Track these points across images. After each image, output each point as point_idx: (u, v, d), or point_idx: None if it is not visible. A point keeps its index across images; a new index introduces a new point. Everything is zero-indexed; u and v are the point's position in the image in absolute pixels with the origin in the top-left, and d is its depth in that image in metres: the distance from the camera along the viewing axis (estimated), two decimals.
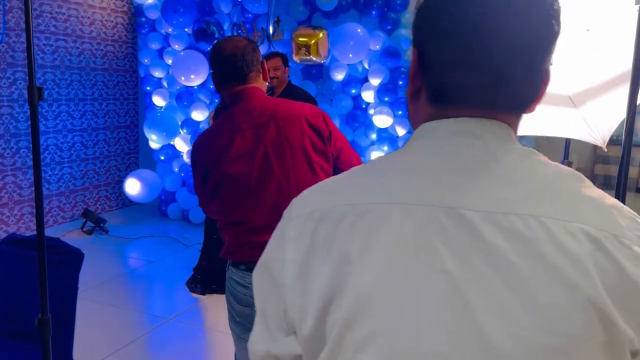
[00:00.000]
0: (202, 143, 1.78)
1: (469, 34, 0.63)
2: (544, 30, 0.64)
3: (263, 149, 1.70)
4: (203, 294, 3.83)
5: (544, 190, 0.63)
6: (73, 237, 5.05)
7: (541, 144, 5.69)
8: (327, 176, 1.75)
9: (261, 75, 1.82)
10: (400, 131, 4.76)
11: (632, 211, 0.67)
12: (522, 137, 5.09)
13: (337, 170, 1.79)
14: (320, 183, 0.75)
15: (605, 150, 1.67)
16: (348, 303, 0.62)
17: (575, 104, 1.54)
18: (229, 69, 1.74)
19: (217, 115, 3.69)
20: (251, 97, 1.76)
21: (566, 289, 0.57)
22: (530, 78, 0.66)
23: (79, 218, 5.62)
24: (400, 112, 4.70)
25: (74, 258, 2.07)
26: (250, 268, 1.69)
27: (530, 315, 0.57)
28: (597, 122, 1.53)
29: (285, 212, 0.75)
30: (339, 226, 0.65)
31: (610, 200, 0.65)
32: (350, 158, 1.83)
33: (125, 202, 6.24)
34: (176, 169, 5.75)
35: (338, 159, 1.82)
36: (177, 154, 5.74)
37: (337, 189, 0.71)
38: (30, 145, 5.00)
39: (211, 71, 1.83)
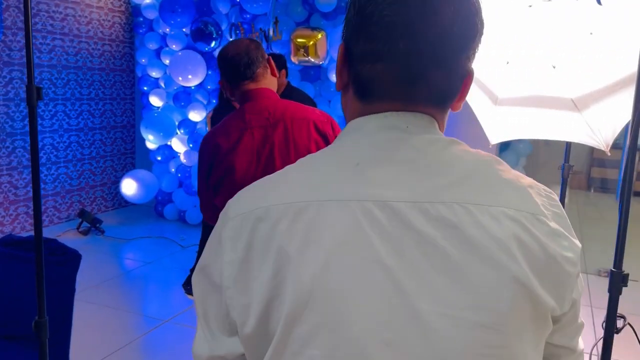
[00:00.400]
0: (211, 137, 1.84)
1: (390, 30, 0.66)
2: (462, 28, 0.66)
3: (269, 147, 1.77)
4: None
5: (466, 178, 0.67)
6: (69, 237, 5.03)
7: (539, 146, 5.71)
8: None
9: (269, 71, 1.89)
10: None
11: (547, 188, 0.72)
12: (519, 140, 5.10)
13: None
14: (255, 183, 0.76)
15: (609, 154, 1.67)
16: (290, 299, 0.63)
17: (578, 108, 1.53)
18: (235, 68, 1.81)
19: (216, 116, 3.64)
20: (262, 97, 1.83)
21: (493, 269, 0.61)
22: (448, 74, 0.69)
23: (75, 218, 5.59)
24: None
25: (72, 259, 2.05)
26: None
27: (461, 295, 0.61)
28: (601, 126, 1.52)
29: (222, 214, 0.75)
30: (277, 225, 0.66)
31: (527, 180, 0.70)
32: None
33: (122, 202, 6.21)
34: (173, 170, 5.73)
35: None
36: (173, 155, 5.72)
37: (272, 188, 0.71)
38: (26, 145, 5.00)
39: (221, 78, 1.90)
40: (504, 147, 5.08)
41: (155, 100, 5.60)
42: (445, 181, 0.66)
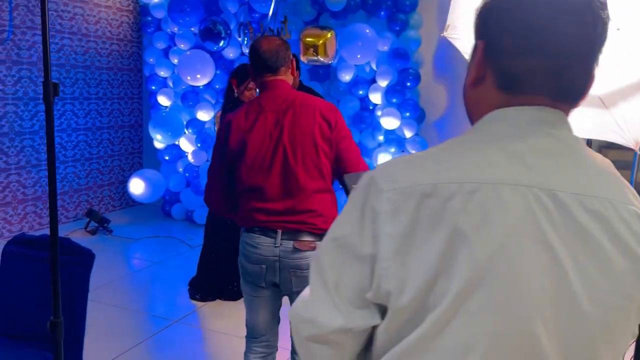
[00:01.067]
0: (230, 117, 2.07)
1: (541, 26, 0.72)
2: (601, 30, 0.74)
3: (280, 129, 1.98)
4: (203, 300, 3.76)
5: (605, 175, 0.75)
6: (76, 237, 5.00)
7: None
8: (329, 160, 2.05)
9: (290, 70, 2.12)
10: (408, 133, 4.72)
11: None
12: None
13: (337, 160, 2.04)
14: (403, 157, 0.80)
15: (638, 152, 1.64)
16: (462, 276, 0.68)
17: (606, 105, 1.50)
18: (263, 62, 2.03)
19: (225, 114, 3.63)
20: (277, 87, 2.05)
21: (631, 260, 0.71)
22: (584, 71, 0.76)
23: (82, 218, 5.58)
24: (407, 114, 4.66)
25: (85, 258, 2.03)
26: (263, 231, 2.00)
27: (607, 282, 0.70)
28: (629, 124, 1.50)
29: (365, 186, 0.77)
30: (449, 202, 0.70)
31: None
32: (350, 146, 2.07)
33: (129, 202, 6.20)
34: (181, 169, 5.71)
35: (339, 146, 2.05)
36: (181, 154, 5.70)
37: (432, 165, 0.75)
38: (35, 144, 5.00)
39: (248, 64, 2.14)
40: None
41: (163, 100, 5.58)
42: (591, 178, 0.73)
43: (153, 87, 5.68)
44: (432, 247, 0.69)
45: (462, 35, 1.49)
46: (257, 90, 2.19)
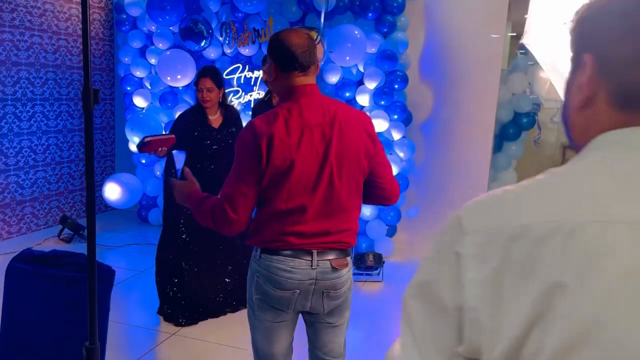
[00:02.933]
0: (263, 127, 1.80)
1: None
2: None
3: (326, 146, 1.81)
4: (190, 325, 3.44)
5: None
6: (50, 245, 4.75)
7: (530, 150, 5.78)
8: (365, 176, 1.93)
9: (317, 71, 1.93)
10: (396, 135, 4.70)
11: None
12: (512, 142, 5.14)
13: (370, 172, 1.94)
14: (492, 193, 0.70)
15: None
16: (562, 331, 0.58)
17: None
18: (294, 58, 1.80)
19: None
20: (314, 93, 1.87)
21: None
22: None
23: (54, 225, 5.31)
24: (395, 116, 4.65)
25: (105, 275, 1.89)
26: (297, 254, 1.84)
27: None
28: None
29: (451, 226, 0.69)
30: (543, 246, 0.60)
31: None
32: (385, 161, 1.99)
33: (102, 207, 5.95)
34: (158, 173, 5.51)
35: (375, 160, 1.94)
36: (158, 158, 5.49)
37: (524, 201, 0.66)
38: (33, 145, 4.74)
39: (268, 61, 1.89)
40: (497, 149, 5.11)
41: (139, 101, 5.37)
42: None
43: (128, 88, 5.46)
44: (524, 297, 0.60)
45: (539, 43, 1.45)
46: (283, 95, 1.91)
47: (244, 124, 3.30)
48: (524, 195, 0.67)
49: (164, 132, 4.91)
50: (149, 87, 5.38)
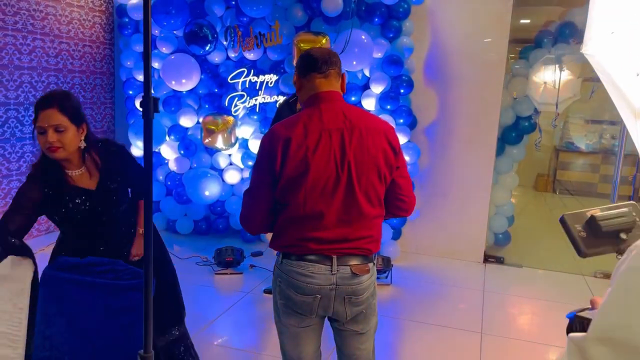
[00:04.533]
0: (282, 131, 1.85)
1: None
2: None
3: (345, 151, 1.82)
4: None
5: None
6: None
7: (531, 152, 5.86)
8: (386, 186, 1.96)
9: (340, 82, 1.97)
10: (402, 139, 4.73)
11: None
12: (514, 146, 5.20)
13: (391, 184, 1.96)
14: None
15: None
16: None
17: None
18: (313, 60, 1.90)
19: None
20: (335, 99, 1.90)
21: None
22: None
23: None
24: (401, 121, 4.68)
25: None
26: (317, 259, 1.85)
27: None
28: None
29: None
30: None
31: None
32: (405, 173, 2.00)
33: None
34: (161, 177, 5.48)
35: (397, 172, 1.96)
36: (161, 162, 5.48)
37: None
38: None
39: (295, 71, 1.98)
40: (500, 152, 5.17)
41: (139, 105, 5.33)
42: None
43: (130, 92, 5.42)
44: None
45: (597, 52, 1.48)
46: (305, 102, 1.95)
47: (130, 154, 2.40)
48: None
49: None
50: (152, 91, 5.35)
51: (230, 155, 5.31)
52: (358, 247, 1.88)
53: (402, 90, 4.66)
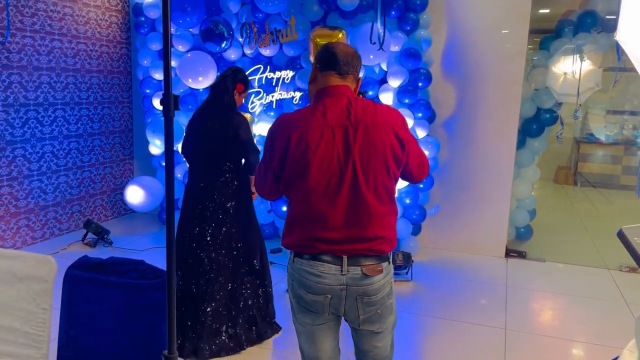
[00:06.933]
0: (285, 127, 1.83)
1: None
2: None
3: (350, 149, 1.76)
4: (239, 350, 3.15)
5: None
6: (74, 250, 4.75)
7: (552, 145, 5.77)
8: (397, 181, 1.90)
9: (356, 84, 1.92)
10: (420, 133, 4.68)
11: None
12: (535, 139, 5.11)
13: (404, 172, 1.93)
14: None
15: None
16: None
17: None
18: (335, 60, 1.84)
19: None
20: (341, 93, 1.83)
21: None
22: None
23: (77, 229, 5.30)
24: (420, 114, 4.63)
25: (165, 281, 1.87)
26: (326, 259, 1.81)
27: None
28: None
29: None
30: None
31: None
32: (414, 163, 1.93)
33: (121, 210, 5.94)
34: (179, 175, 5.49)
35: (407, 165, 1.91)
36: (180, 160, 5.48)
37: None
38: (27, 154, 4.71)
39: (315, 65, 1.91)
40: (521, 145, 5.08)
41: (159, 104, 5.33)
42: None
43: (147, 91, 5.44)
44: None
45: (631, 39, 1.43)
46: (314, 96, 1.93)
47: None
48: None
49: None
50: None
51: None
52: (370, 247, 1.83)
53: (420, 84, 4.60)
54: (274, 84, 5.04)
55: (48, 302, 1.97)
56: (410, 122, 4.58)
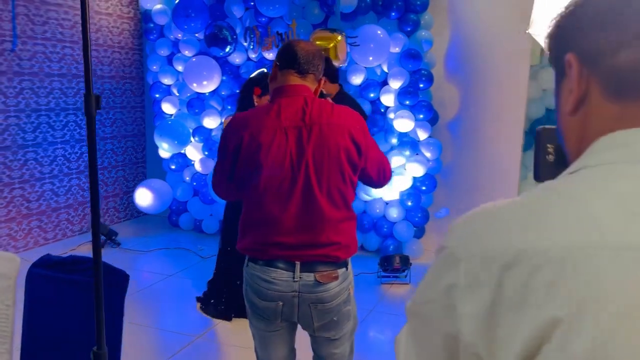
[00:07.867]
0: (239, 127, 1.79)
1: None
2: None
3: (303, 150, 1.72)
4: (224, 319, 3.57)
5: None
6: (83, 251, 4.87)
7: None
8: (353, 186, 1.83)
9: (316, 85, 1.86)
10: (422, 135, 4.63)
11: None
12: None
13: (363, 176, 1.89)
14: (483, 212, 0.63)
15: None
16: None
17: None
18: (294, 58, 1.79)
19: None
20: (298, 93, 1.78)
21: None
22: None
23: (88, 231, 5.44)
24: (421, 116, 4.58)
25: (119, 280, 1.91)
26: (276, 265, 1.78)
27: None
28: None
29: (446, 253, 0.63)
30: (536, 275, 0.54)
31: None
32: (373, 166, 1.88)
33: (133, 213, 6.07)
34: (187, 178, 5.59)
35: (365, 169, 1.87)
36: (188, 163, 5.58)
37: (513, 224, 0.58)
38: (38, 157, 4.87)
39: (275, 62, 1.87)
40: (528, 146, 4.97)
41: (167, 108, 5.46)
42: None
43: (157, 95, 5.56)
44: (518, 331, 0.54)
45: (543, 32, 1.40)
46: (270, 95, 1.91)
47: None
48: (517, 215, 0.60)
49: None
50: (177, 94, 5.47)
51: None
52: (326, 254, 1.79)
53: (421, 85, 4.56)
54: None
55: (11, 299, 2.04)
56: (411, 124, 4.54)
